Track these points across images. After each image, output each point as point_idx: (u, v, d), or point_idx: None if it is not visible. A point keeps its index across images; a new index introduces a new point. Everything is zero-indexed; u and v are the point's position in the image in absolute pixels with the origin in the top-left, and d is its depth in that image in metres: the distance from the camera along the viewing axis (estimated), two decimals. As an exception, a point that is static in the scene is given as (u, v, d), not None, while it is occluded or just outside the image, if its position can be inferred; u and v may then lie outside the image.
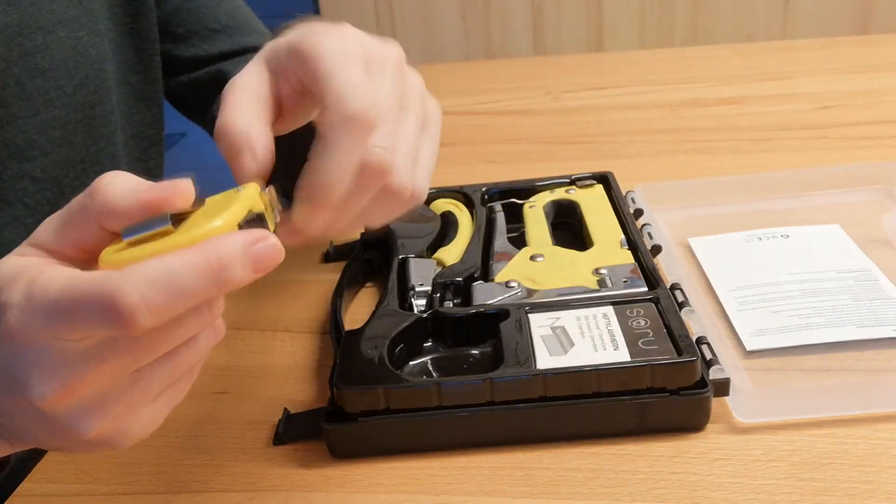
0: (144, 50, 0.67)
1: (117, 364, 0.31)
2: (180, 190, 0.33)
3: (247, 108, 0.39)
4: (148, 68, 0.67)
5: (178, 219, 0.33)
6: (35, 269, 0.32)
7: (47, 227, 0.35)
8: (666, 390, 0.44)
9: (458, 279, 0.55)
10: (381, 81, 0.39)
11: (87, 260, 0.34)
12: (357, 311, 0.59)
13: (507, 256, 0.57)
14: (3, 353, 0.32)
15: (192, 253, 0.31)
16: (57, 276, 0.31)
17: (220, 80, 0.71)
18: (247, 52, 0.72)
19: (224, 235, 0.32)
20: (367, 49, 0.40)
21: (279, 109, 0.41)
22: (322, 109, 0.38)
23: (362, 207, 0.40)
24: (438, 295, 0.54)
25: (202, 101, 0.73)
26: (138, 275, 0.29)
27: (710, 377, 0.45)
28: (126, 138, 0.67)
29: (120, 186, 0.33)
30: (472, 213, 0.64)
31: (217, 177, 0.39)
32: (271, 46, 0.42)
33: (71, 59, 0.59)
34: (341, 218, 0.40)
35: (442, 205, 0.65)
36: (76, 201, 0.34)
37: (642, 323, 0.48)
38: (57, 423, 0.32)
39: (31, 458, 0.50)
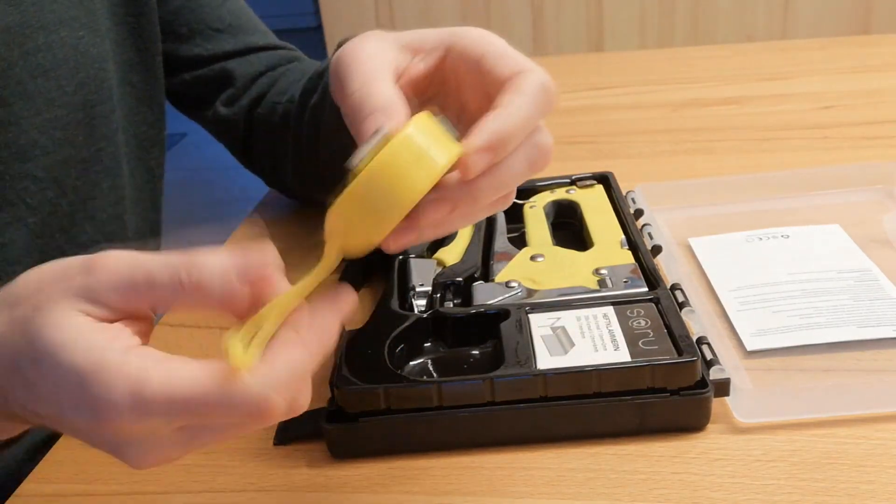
0: (146, 49, 0.67)
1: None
2: (270, 260, 0.33)
3: (382, 79, 0.39)
4: (149, 68, 0.67)
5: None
6: (133, 362, 0.31)
7: (105, 285, 0.33)
8: (666, 390, 0.44)
9: (458, 279, 0.55)
10: None
11: (137, 317, 0.34)
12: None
13: (508, 256, 0.57)
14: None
15: (311, 346, 0.33)
16: (172, 375, 0.31)
17: (224, 78, 0.72)
18: (251, 51, 0.73)
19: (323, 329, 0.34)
20: None
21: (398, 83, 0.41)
22: (514, 75, 0.38)
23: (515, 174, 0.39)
24: (439, 295, 0.54)
25: (204, 99, 0.73)
26: (278, 380, 0.31)
27: (711, 377, 0.45)
28: (127, 138, 0.67)
29: (212, 266, 0.33)
30: (472, 213, 0.64)
31: (218, 177, 0.39)
32: (406, 33, 0.42)
33: (72, 59, 0.59)
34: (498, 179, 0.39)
35: (442, 205, 0.65)
36: (155, 268, 0.33)
37: (643, 323, 0.48)
38: (109, 444, 0.33)
39: (31, 458, 0.50)
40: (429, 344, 0.51)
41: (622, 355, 0.45)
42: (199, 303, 0.33)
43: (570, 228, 0.63)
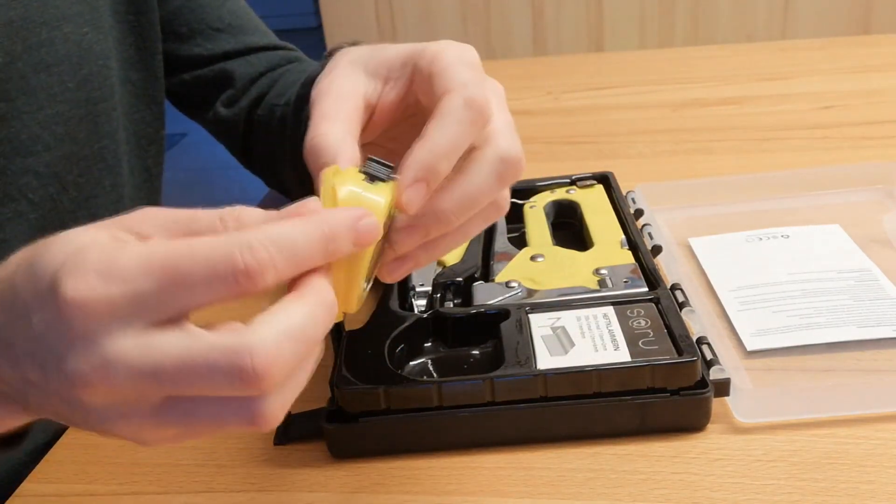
0: (146, 48, 0.67)
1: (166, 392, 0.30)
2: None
3: (337, 119, 0.39)
4: (149, 66, 0.68)
5: None
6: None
7: (143, 217, 0.33)
8: (666, 390, 0.44)
9: (458, 279, 0.55)
10: (499, 104, 0.41)
11: None
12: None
13: (508, 256, 0.57)
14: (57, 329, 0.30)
15: (308, 301, 0.32)
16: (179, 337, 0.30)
17: (224, 79, 0.72)
18: (251, 51, 0.73)
19: (334, 212, 0.33)
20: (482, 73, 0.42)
21: (371, 114, 0.42)
22: (441, 96, 0.38)
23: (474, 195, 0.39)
24: (439, 295, 0.53)
25: (205, 99, 0.73)
26: (268, 334, 0.30)
27: (711, 377, 0.45)
28: (127, 136, 0.67)
29: (252, 210, 0.33)
30: (472, 213, 0.64)
31: (218, 177, 0.40)
32: (374, 54, 0.43)
33: (75, 55, 0.59)
34: (453, 209, 0.39)
35: (442, 205, 0.65)
36: (196, 210, 0.33)
37: (643, 323, 0.48)
38: (80, 408, 0.31)
39: (31, 459, 0.50)
40: (429, 344, 0.51)
41: (622, 355, 0.45)
42: None
43: (570, 228, 0.63)
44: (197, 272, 0.29)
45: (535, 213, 0.63)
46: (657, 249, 0.57)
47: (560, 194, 0.65)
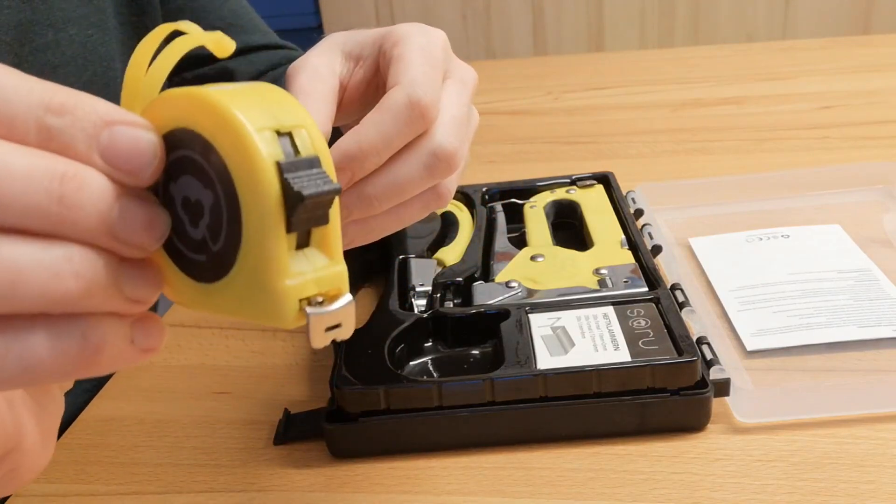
0: None
1: None
2: None
3: (313, 99, 0.38)
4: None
5: None
6: None
7: None
8: (666, 390, 0.44)
9: (458, 279, 0.55)
10: (457, 94, 0.40)
11: None
12: (357, 311, 0.59)
13: (508, 256, 0.57)
14: None
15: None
16: None
17: (225, 78, 0.72)
18: (252, 50, 0.73)
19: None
20: (451, 60, 0.41)
21: (342, 94, 0.41)
22: (389, 88, 0.37)
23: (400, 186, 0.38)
24: (439, 295, 0.53)
25: None
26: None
27: (711, 377, 0.45)
28: None
29: None
30: (472, 213, 0.64)
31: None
32: (353, 35, 0.42)
33: (80, 57, 0.59)
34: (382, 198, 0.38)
35: (442, 205, 0.65)
36: None
37: (643, 323, 0.48)
38: None
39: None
40: (429, 344, 0.51)
41: (622, 355, 0.45)
42: None
43: (570, 228, 0.63)
44: None
45: (535, 213, 0.63)
46: (657, 249, 0.57)
47: (560, 194, 0.65)
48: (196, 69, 0.72)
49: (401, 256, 0.58)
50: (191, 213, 0.25)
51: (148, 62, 0.28)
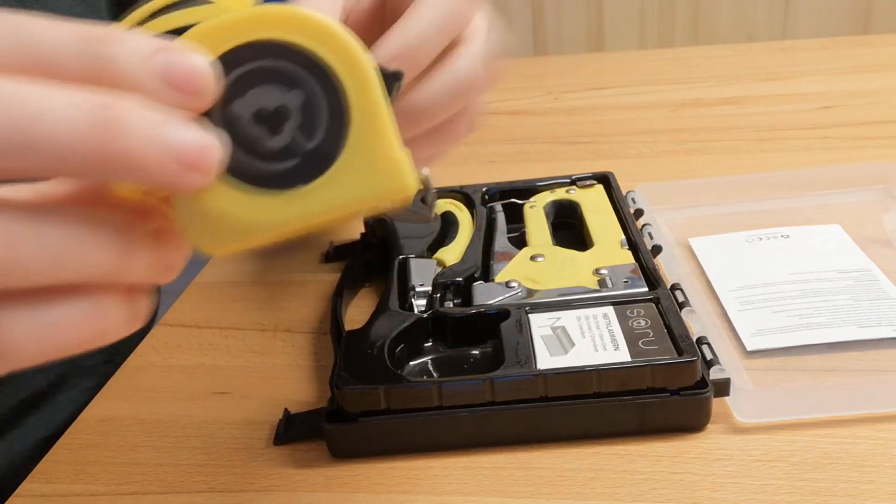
0: None
1: None
2: None
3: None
4: None
5: None
6: None
7: None
8: (666, 390, 0.44)
9: (458, 279, 0.55)
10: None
11: None
12: (357, 311, 0.59)
13: (508, 256, 0.57)
14: None
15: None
16: None
17: None
18: None
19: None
20: None
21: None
22: None
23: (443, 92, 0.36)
24: (439, 295, 0.53)
25: None
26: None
27: (711, 377, 0.45)
28: None
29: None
30: (472, 213, 0.64)
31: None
32: None
33: None
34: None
35: (442, 205, 0.65)
36: None
37: (643, 323, 0.48)
38: None
39: (32, 458, 0.50)
40: (429, 344, 0.51)
41: (622, 355, 0.45)
42: None
43: (570, 228, 0.63)
44: None
45: (535, 213, 0.63)
46: (657, 249, 0.57)
47: (560, 194, 0.65)
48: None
49: (401, 256, 0.58)
50: (270, 122, 0.26)
51: None
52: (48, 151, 0.21)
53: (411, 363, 0.50)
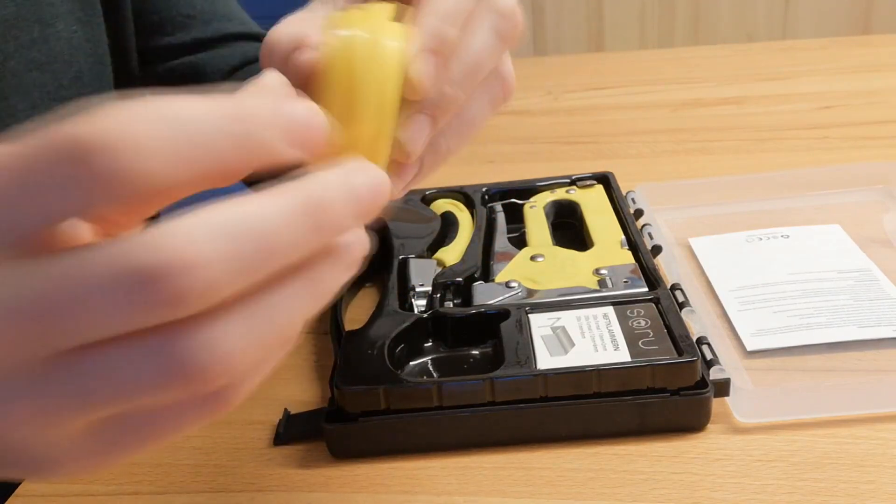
0: (120, 42, 0.65)
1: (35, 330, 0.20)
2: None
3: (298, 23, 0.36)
4: (129, 60, 0.67)
5: None
6: None
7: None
8: (666, 390, 0.44)
9: (458, 279, 0.55)
10: None
11: None
12: (357, 311, 0.59)
13: (508, 256, 0.57)
14: None
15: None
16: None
17: (193, 74, 0.69)
18: (225, 39, 0.69)
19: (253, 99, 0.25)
20: None
21: None
22: None
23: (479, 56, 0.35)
24: (439, 295, 0.53)
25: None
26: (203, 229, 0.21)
27: (711, 377, 0.45)
28: None
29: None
30: (472, 213, 0.64)
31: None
32: None
33: (66, 52, 0.59)
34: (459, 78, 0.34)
35: (442, 205, 0.65)
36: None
37: (643, 323, 0.48)
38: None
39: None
40: (429, 344, 0.51)
41: (622, 355, 0.45)
42: None
43: (570, 228, 0.63)
44: (36, 161, 0.21)
45: (535, 213, 0.63)
46: (657, 249, 0.57)
47: (560, 194, 0.65)
48: (165, 62, 0.69)
49: (401, 256, 0.58)
50: None
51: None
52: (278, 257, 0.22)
53: (411, 363, 0.50)
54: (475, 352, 0.50)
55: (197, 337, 0.21)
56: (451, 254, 0.58)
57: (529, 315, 0.50)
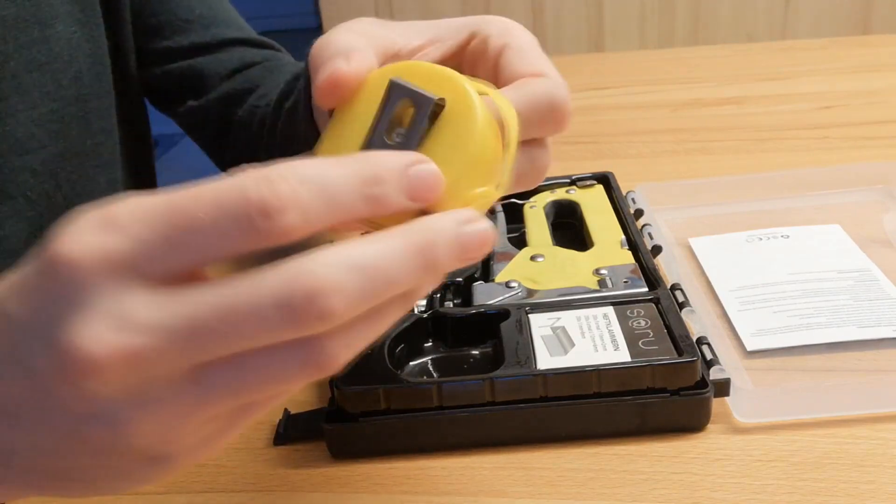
0: (120, 44, 0.65)
1: (195, 343, 0.25)
2: None
3: (354, 44, 0.37)
4: (127, 62, 0.67)
5: None
6: None
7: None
8: (666, 390, 0.44)
9: (458, 279, 0.55)
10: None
11: None
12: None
13: (508, 256, 0.57)
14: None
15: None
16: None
17: (191, 77, 0.69)
18: (223, 45, 0.69)
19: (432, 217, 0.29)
20: None
21: None
22: (528, 75, 0.41)
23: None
24: (439, 295, 0.53)
25: (174, 96, 0.70)
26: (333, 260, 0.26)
27: (711, 377, 0.45)
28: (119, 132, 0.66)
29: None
30: (472, 213, 0.64)
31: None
32: (390, 22, 0.43)
33: (66, 53, 0.59)
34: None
35: (442, 205, 0.65)
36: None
37: (643, 323, 0.48)
38: (90, 413, 0.25)
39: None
40: (429, 344, 0.51)
41: (622, 355, 0.45)
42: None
43: (570, 228, 0.63)
44: (203, 211, 0.25)
45: (535, 213, 0.63)
46: (657, 249, 0.57)
47: (560, 194, 0.65)
48: (164, 65, 0.69)
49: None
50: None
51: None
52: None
53: (411, 363, 0.50)
54: (475, 352, 0.50)
55: (334, 342, 0.27)
56: (451, 254, 0.58)
57: (529, 315, 0.50)
